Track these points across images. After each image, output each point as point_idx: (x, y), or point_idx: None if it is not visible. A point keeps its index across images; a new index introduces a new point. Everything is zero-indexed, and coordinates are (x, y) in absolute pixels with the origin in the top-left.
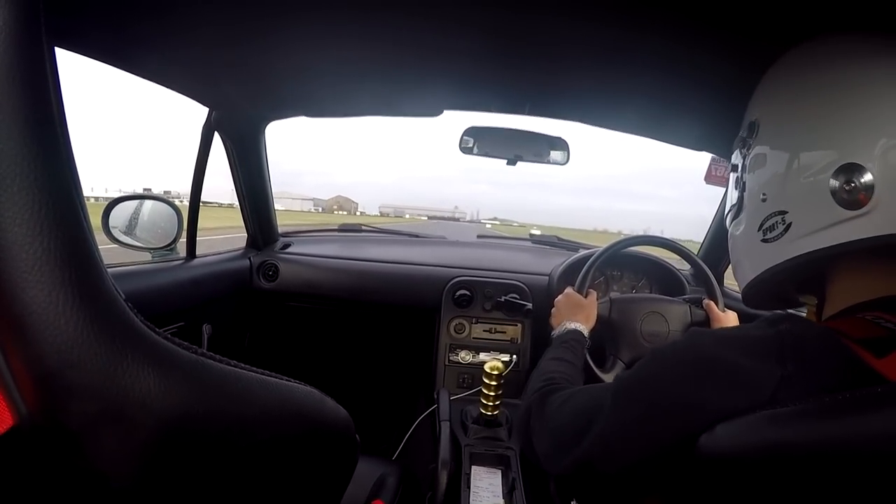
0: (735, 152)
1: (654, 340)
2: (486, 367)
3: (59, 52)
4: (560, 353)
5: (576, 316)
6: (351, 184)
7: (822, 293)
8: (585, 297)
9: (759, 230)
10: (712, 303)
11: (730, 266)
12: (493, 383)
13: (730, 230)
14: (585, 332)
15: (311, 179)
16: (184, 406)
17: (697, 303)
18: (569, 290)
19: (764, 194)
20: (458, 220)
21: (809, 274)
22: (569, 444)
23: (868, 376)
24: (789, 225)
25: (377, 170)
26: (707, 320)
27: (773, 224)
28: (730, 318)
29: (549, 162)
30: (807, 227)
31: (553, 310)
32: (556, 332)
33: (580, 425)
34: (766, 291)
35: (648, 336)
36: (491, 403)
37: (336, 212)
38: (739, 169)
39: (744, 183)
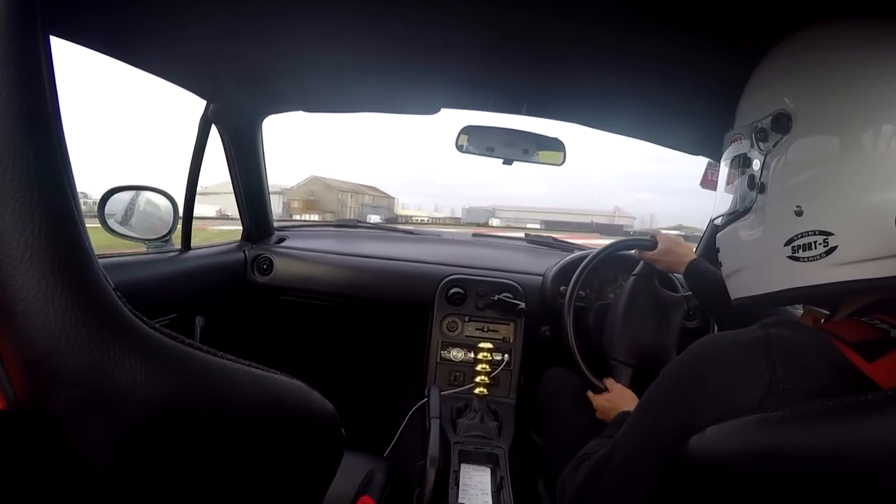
0: (743, 144)
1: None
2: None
3: (53, 41)
4: (609, 432)
5: (630, 404)
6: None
7: (836, 307)
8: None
9: (786, 245)
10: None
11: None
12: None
13: (730, 230)
14: None
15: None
16: (169, 395)
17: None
18: (622, 386)
19: (799, 206)
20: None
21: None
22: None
23: (858, 381)
24: (833, 248)
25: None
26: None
27: (811, 243)
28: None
29: (545, 163)
30: (856, 255)
31: (610, 396)
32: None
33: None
34: (772, 304)
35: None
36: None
37: None
38: (757, 166)
39: (762, 184)
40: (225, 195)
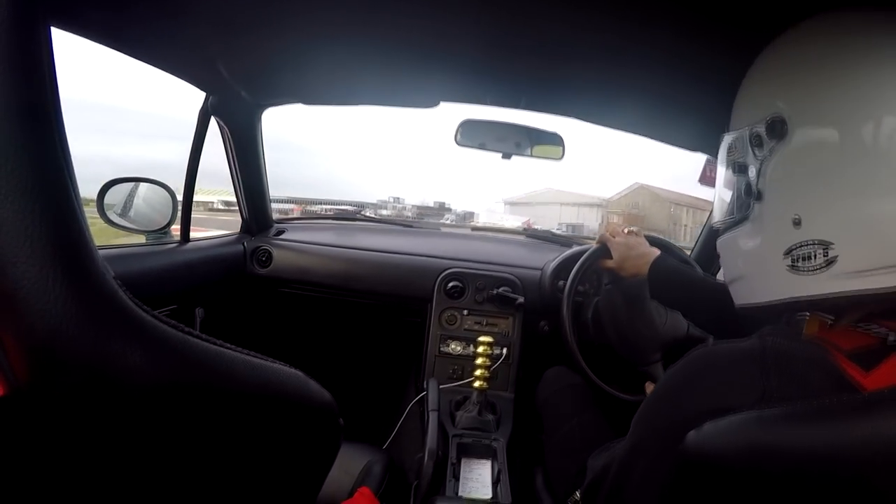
0: (738, 149)
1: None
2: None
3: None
4: None
5: None
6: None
7: (841, 314)
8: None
9: (786, 255)
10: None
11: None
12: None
13: (729, 237)
14: None
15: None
16: (168, 381)
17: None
18: None
19: (797, 216)
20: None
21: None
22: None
23: (853, 392)
24: (833, 259)
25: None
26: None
27: (810, 254)
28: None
29: (542, 157)
30: (857, 266)
31: None
32: None
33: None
34: (776, 313)
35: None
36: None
37: None
38: (753, 173)
39: (759, 191)
40: (538, 206)
